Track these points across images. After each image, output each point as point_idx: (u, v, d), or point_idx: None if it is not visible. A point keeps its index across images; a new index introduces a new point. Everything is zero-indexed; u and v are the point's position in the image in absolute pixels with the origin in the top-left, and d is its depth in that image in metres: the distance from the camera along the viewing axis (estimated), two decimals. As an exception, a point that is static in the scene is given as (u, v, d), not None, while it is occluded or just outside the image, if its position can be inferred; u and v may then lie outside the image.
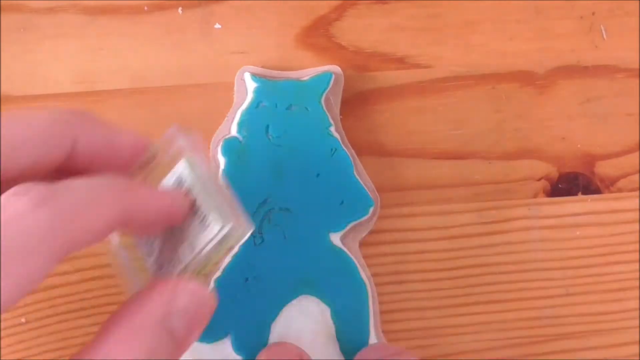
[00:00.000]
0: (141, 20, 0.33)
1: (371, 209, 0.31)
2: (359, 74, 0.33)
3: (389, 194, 0.32)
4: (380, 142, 0.33)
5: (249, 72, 0.31)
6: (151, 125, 0.32)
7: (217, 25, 0.33)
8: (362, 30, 0.33)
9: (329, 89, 0.31)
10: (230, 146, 0.31)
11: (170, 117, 0.32)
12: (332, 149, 0.31)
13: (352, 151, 0.32)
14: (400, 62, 0.33)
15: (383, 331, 0.31)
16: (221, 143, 0.31)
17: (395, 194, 0.33)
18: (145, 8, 0.33)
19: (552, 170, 0.33)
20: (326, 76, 0.31)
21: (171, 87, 0.33)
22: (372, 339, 0.30)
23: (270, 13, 0.33)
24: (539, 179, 0.33)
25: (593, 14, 0.34)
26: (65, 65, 0.33)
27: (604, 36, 0.34)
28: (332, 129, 0.31)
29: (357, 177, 0.31)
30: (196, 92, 0.33)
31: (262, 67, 0.32)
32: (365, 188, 0.31)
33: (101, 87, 0.33)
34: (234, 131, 0.31)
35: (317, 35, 0.33)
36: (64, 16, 0.33)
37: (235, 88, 0.32)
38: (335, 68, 0.32)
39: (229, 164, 0.31)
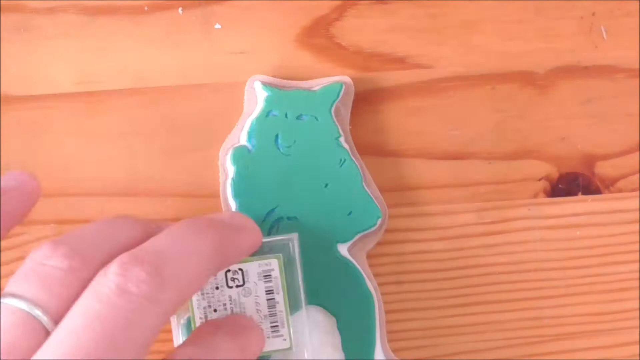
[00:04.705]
0: (141, 20, 0.33)
1: (379, 220, 0.31)
2: (359, 74, 0.33)
3: (389, 194, 0.32)
4: (381, 142, 0.33)
5: (260, 80, 0.31)
6: (151, 125, 0.32)
7: (217, 26, 0.33)
8: (362, 30, 0.33)
9: (339, 99, 0.31)
10: (239, 155, 0.31)
11: (170, 117, 0.32)
12: (341, 160, 0.31)
13: (362, 162, 0.32)
14: (400, 62, 0.33)
15: (383, 331, 0.31)
16: (230, 151, 0.31)
17: (396, 194, 0.33)
18: (145, 8, 0.33)
19: (552, 170, 0.33)
20: (337, 86, 0.31)
21: (171, 87, 0.33)
22: (378, 351, 0.30)
23: (270, 13, 0.33)
24: (539, 179, 0.33)
25: (593, 14, 0.34)
26: (65, 65, 0.33)
27: (604, 36, 0.34)
28: (342, 139, 0.31)
29: (366, 188, 0.31)
30: (196, 92, 0.33)
31: (263, 68, 0.32)
32: (374, 199, 0.31)
33: (101, 87, 0.33)
34: (243, 140, 0.31)
35: (317, 35, 0.33)
36: (64, 16, 0.33)
37: (245, 97, 0.32)
38: (346, 78, 0.32)
39: (237, 173, 0.31)
